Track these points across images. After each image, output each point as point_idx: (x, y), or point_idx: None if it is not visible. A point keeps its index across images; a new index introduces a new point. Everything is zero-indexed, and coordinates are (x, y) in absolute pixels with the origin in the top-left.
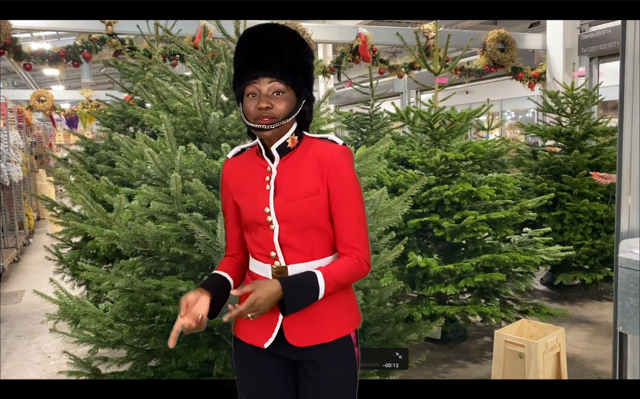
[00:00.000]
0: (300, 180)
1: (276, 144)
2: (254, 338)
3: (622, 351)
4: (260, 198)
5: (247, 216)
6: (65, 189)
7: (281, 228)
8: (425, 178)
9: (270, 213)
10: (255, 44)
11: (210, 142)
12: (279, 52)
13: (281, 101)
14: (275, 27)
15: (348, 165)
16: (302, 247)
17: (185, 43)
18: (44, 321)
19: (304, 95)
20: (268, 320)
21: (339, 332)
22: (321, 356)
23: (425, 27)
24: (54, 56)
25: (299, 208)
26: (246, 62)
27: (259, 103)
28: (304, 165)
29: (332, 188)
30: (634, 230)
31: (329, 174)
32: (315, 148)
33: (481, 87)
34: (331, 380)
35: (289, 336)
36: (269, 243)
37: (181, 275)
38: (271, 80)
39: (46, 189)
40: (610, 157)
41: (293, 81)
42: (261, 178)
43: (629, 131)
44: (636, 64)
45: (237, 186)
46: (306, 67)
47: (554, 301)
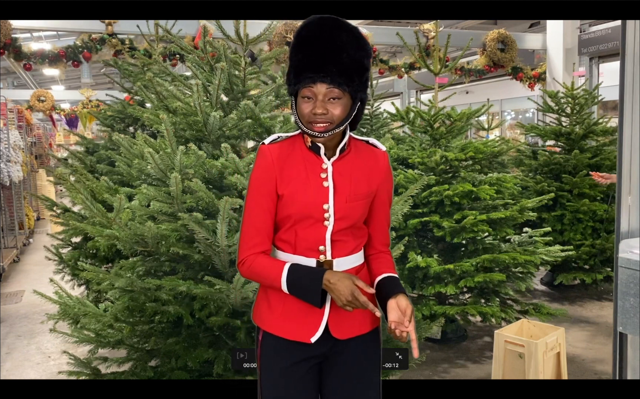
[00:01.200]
0: (357, 181)
1: (340, 146)
2: (297, 333)
3: (622, 351)
4: (319, 194)
5: (297, 209)
6: (65, 189)
7: (335, 224)
8: (425, 178)
9: (329, 210)
10: (315, 42)
11: (210, 142)
12: (338, 56)
13: (337, 106)
14: (338, 25)
15: (392, 172)
16: (347, 242)
17: (185, 43)
18: (44, 321)
19: (359, 99)
20: (312, 315)
21: (374, 322)
22: (357, 347)
23: (425, 27)
24: (54, 56)
25: (356, 209)
26: (304, 62)
27: (315, 108)
28: (357, 166)
29: (381, 193)
30: (634, 230)
31: (381, 180)
32: (365, 152)
33: (481, 87)
34: (365, 368)
35: (334, 330)
36: (320, 237)
37: (181, 275)
38: (329, 87)
39: (46, 189)
40: (610, 157)
41: (350, 85)
42: (315, 174)
43: (629, 131)
44: (636, 64)
45: (284, 175)
46: (364, 69)
47: (554, 301)
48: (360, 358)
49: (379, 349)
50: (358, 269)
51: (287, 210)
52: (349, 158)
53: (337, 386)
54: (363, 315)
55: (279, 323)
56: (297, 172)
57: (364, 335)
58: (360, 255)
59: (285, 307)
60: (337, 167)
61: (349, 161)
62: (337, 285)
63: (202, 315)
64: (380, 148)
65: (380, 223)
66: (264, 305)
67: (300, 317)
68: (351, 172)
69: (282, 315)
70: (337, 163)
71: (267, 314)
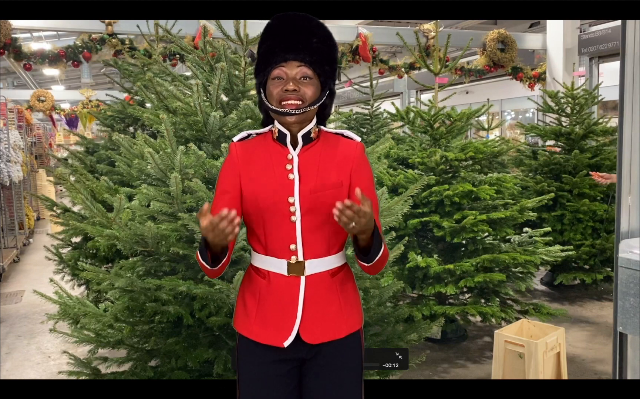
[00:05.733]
0: (324, 171)
1: (302, 132)
2: (270, 338)
3: (622, 351)
4: (283, 186)
5: (264, 204)
6: (65, 189)
7: (304, 220)
8: (425, 178)
9: (294, 203)
10: (285, 28)
11: (210, 142)
12: (309, 39)
13: (309, 86)
14: (306, 16)
15: (368, 161)
16: (320, 242)
17: (185, 43)
18: (44, 321)
19: (328, 87)
20: (284, 319)
21: (350, 328)
22: (332, 351)
23: (425, 27)
24: (54, 56)
25: (323, 200)
26: (275, 46)
27: (286, 85)
28: (326, 157)
29: (355, 181)
30: (634, 230)
31: (353, 168)
32: (336, 143)
33: (481, 87)
34: (342, 373)
35: (305, 335)
36: (289, 235)
37: (181, 275)
38: (300, 65)
39: (46, 189)
40: (610, 157)
41: (320, 69)
42: (281, 165)
43: (629, 131)
44: (636, 64)
45: (249, 170)
46: (333, 60)
47: (554, 301)
48: (337, 362)
49: (360, 353)
50: (334, 272)
51: (254, 206)
52: (316, 149)
53: (314, 389)
54: (338, 320)
55: (253, 328)
56: (262, 166)
57: (341, 340)
58: (339, 257)
59: (259, 311)
60: (304, 157)
61: (316, 151)
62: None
63: (202, 315)
64: (354, 139)
65: None
66: (240, 308)
67: (274, 321)
68: (319, 162)
69: (256, 319)
70: (304, 153)
71: (243, 318)
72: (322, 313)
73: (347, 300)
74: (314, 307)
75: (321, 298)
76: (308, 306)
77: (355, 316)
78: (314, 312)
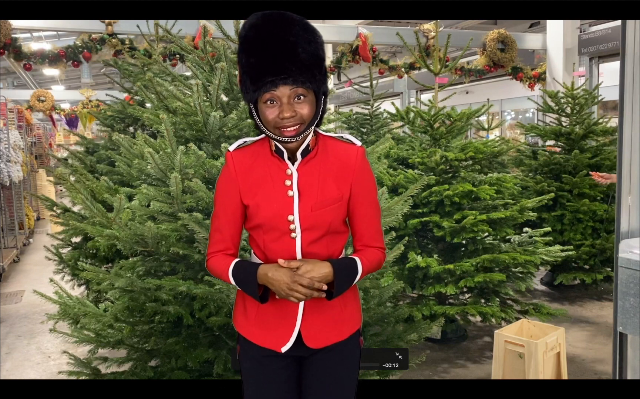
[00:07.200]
0: (325, 186)
1: (301, 148)
2: (269, 341)
3: (622, 351)
4: (283, 205)
5: (262, 220)
6: (65, 189)
7: (303, 235)
8: (425, 178)
9: (294, 222)
10: (266, 43)
11: (210, 142)
12: (294, 52)
13: (304, 105)
14: (285, 19)
15: (369, 166)
16: (321, 253)
17: (185, 43)
18: (44, 321)
19: (322, 92)
20: (284, 323)
21: (351, 329)
22: (332, 349)
23: (425, 27)
24: (54, 56)
25: (324, 216)
26: (259, 65)
27: (282, 113)
28: (325, 169)
29: (356, 191)
30: (634, 230)
31: (353, 178)
32: (335, 150)
33: (481, 87)
34: (340, 370)
35: (307, 339)
36: (289, 250)
37: (181, 275)
38: (292, 87)
39: (46, 189)
40: (610, 157)
41: (313, 83)
42: (280, 181)
43: (629, 131)
44: (636, 64)
45: (248, 185)
46: (321, 60)
47: (554, 301)
48: (336, 360)
49: (358, 351)
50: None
51: (254, 221)
52: (316, 161)
53: (313, 385)
54: (340, 323)
55: (252, 330)
56: (261, 181)
57: (345, 340)
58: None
59: (258, 313)
60: (303, 172)
61: (316, 164)
62: (275, 276)
63: (202, 315)
64: (355, 144)
65: (361, 221)
66: (240, 308)
67: (273, 325)
68: (318, 176)
69: (256, 322)
70: (303, 168)
71: (242, 318)
72: (323, 317)
73: (347, 302)
74: (314, 312)
75: (322, 302)
76: (308, 312)
77: (356, 317)
78: (315, 317)
